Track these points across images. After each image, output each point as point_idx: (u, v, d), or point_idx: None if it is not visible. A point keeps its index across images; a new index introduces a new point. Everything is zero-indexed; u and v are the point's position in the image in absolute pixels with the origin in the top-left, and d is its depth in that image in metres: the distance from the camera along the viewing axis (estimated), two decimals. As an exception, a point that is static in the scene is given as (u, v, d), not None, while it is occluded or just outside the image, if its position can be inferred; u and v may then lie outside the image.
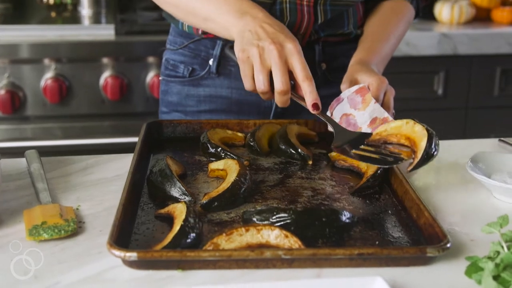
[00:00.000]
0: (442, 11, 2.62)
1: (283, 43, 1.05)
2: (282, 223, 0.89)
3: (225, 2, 1.15)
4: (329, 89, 1.40)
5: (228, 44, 1.33)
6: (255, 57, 1.05)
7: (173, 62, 1.48)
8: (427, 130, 0.99)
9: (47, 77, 2.18)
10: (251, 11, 1.11)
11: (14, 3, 2.53)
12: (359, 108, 1.16)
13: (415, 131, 1.00)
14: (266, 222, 0.90)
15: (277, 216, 0.90)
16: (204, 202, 0.98)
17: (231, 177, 1.01)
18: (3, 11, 2.46)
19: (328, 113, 1.23)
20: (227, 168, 1.06)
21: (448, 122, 2.32)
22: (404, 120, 1.03)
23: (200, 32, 1.39)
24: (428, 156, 0.98)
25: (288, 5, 1.32)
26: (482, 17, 2.69)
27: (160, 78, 1.54)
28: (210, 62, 1.42)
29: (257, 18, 1.09)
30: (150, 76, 2.19)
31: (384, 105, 1.18)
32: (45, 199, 1.02)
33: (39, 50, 2.18)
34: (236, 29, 1.11)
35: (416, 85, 1.38)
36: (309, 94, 1.05)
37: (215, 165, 1.10)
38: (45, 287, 0.80)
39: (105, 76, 2.22)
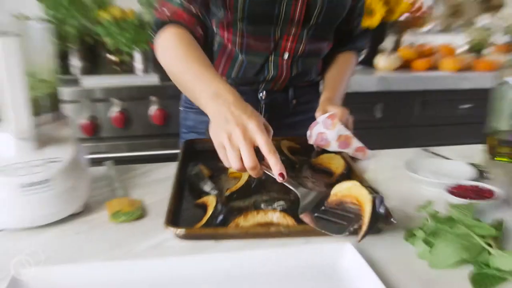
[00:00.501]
0: (380, 61, 2.63)
1: (246, 125, 0.87)
2: (281, 207, 0.90)
3: (201, 81, 0.99)
4: (297, 117, 1.46)
5: None
6: (225, 141, 0.88)
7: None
8: (371, 193, 0.80)
9: (114, 110, 2.19)
10: (224, 94, 0.94)
11: (90, 62, 2.53)
12: (330, 128, 1.18)
13: (362, 194, 0.82)
14: (270, 207, 0.90)
15: (277, 203, 0.91)
16: (227, 194, 0.98)
17: (245, 177, 1.02)
18: (85, 67, 2.46)
19: (308, 132, 1.24)
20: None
21: (385, 137, 2.32)
22: (351, 182, 0.86)
23: None
24: (376, 218, 0.78)
25: (272, 63, 1.33)
26: (406, 65, 2.71)
27: (180, 108, 1.53)
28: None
29: (227, 101, 0.92)
30: (184, 109, 2.21)
31: (347, 127, 1.19)
32: (120, 193, 1.02)
33: (108, 92, 2.19)
34: (210, 110, 0.95)
35: (362, 112, 1.39)
36: (274, 166, 0.87)
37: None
38: (123, 252, 0.81)
39: (153, 109, 2.23)
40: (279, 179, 0.87)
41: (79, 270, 0.73)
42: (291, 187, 0.90)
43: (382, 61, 2.63)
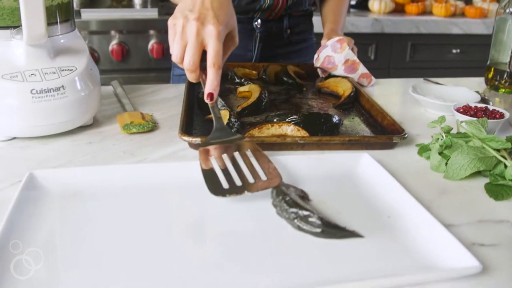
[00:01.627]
0: (373, 4, 2.57)
1: (205, 23, 0.73)
2: (294, 122, 0.86)
3: None
4: (291, 47, 1.41)
5: None
6: (178, 27, 0.74)
7: None
8: None
9: (113, 43, 2.11)
10: None
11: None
12: (338, 51, 1.13)
13: None
14: (283, 121, 0.86)
15: (291, 117, 0.87)
16: (239, 110, 0.94)
17: (256, 94, 0.98)
18: (84, 1, 2.36)
19: (316, 55, 1.19)
20: (251, 90, 1.03)
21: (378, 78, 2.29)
22: None
23: None
24: None
25: None
26: (398, 9, 2.65)
27: None
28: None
29: None
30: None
31: None
32: (130, 108, 0.98)
33: (108, 25, 2.11)
34: None
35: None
36: (209, 82, 0.73)
37: (242, 88, 1.07)
38: (138, 160, 0.77)
39: (152, 43, 2.15)
40: (206, 99, 0.75)
41: (95, 172, 0.69)
42: (212, 113, 0.76)
43: (376, 4, 2.57)
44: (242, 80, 1.14)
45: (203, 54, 0.75)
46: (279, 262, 0.52)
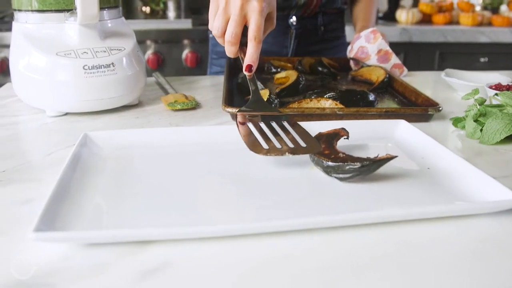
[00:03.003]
0: (401, 15, 2.59)
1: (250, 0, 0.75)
2: (332, 98, 0.88)
3: None
4: (324, 44, 1.44)
5: None
6: (221, 1, 0.76)
7: None
8: None
9: (149, 53, 2.17)
10: None
11: (125, 10, 2.52)
12: (371, 42, 1.16)
13: None
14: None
15: (329, 94, 0.89)
16: (278, 91, 0.97)
17: (293, 77, 1.01)
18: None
19: (349, 47, 1.22)
20: (289, 75, 1.05)
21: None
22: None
23: None
24: None
25: None
26: (426, 19, 2.67)
27: (210, 35, 1.50)
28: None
29: None
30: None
31: None
32: (172, 92, 1.01)
33: (143, 34, 2.17)
34: None
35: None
36: (248, 54, 0.75)
37: (279, 75, 1.09)
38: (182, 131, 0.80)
39: (186, 52, 2.20)
40: (244, 71, 0.76)
41: (144, 133, 0.72)
42: (250, 83, 0.78)
43: (403, 15, 2.60)
44: (279, 70, 1.17)
45: (244, 29, 0.77)
46: (314, 202, 0.54)
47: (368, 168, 0.58)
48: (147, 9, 2.63)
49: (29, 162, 0.67)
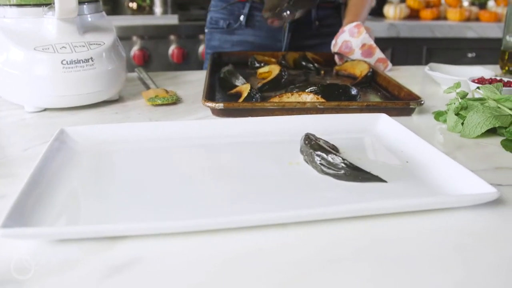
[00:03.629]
0: (389, 10, 2.60)
1: None
2: (313, 92, 0.88)
3: None
4: (319, 39, 1.43)
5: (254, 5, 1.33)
6: None
7: (215, 18, 1.44)
8: None
9: (135, 49, 2.16)
10: None
11: (112, 6, 2.51)
12: (355, 36, 1.16)
13: None
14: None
15: (310, 88, 0.89)
16: (260, 85, 0.96)
17: (275, 72, 1.00)
18: (106, 10, 2.43)
19: (333, 41, 1.22)
20: (271, 70, 1.05)
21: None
22: None
23: None
24: None
25: None
26: (413, 15, 2.67)
27: (206, 30, 1.50)
28: (241, 18, 1.38)
29: None
30: (202, 47, 2.17)
31: None
32: (154, 87, 1.01)
33: (129, 30, 2.16)
34: None
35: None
36: None
37: (262, 69, 1.09)
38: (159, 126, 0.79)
39: (172, 48, 2.19)
40: None
41: (119, 128, 0.71)
42: None
43: (391, 11, 2.60)
44: (262, 65, 1.16)
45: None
46: (293, 196, 0.54)
47: (355, 175, 0.57)
48: (133, 5, 2.61)
49: (5, 157, 0.66)
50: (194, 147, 0.68)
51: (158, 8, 2.42)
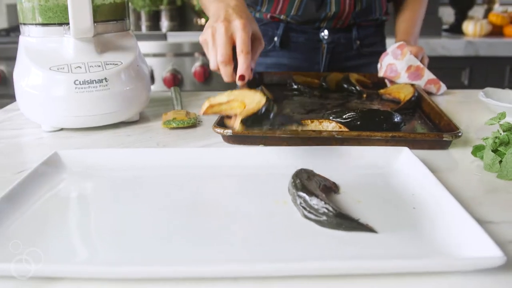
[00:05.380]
0: (468, 27, 2.43)
1: (231, 20, 0.80)
2: (351, 119, 0.80)
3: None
4: (361, 60, 1.34)
5: (289, 25, 1.26)
6: (209, 37, 0.82)
7: None
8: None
9: (197, 65, 2.16)
10: (228, 0, 0.87)
11: (179, 22, 2.55)
12: (399, 58, 1.07)
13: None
14: (339, 119, 0.81)
15: (348, 114, 0.81)
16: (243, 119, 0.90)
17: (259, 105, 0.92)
18: (173, 25, 2.49)
19: (378, 65, 1.14)
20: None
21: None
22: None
23: (268, 17, 1.28)
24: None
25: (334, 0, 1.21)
26: (496, 32, 2.48)
27: None
28: (275, 39, 1.29)
29: (228, 4, 0.85)
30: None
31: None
32: (177, 107, 0.98)
33: (192, 47, 2.16)
34: (210, 11, 0.89)
35: (448, 77, 1.25)
36: (240, 66, 0.79)
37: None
38: (166, 151, 0.76)
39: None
40: (238, 82, 0.80)
41: (111, 153, 0.69)
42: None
43: (470, 27, 2.43)
44: (299, 87, 1.10)
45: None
46: (277, 243, 0.47)
47: (338, 222, 0.50)
48: (201, 21, 2.63)
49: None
50: (178, 176, 0.63)
51: (224, 25, 2.42)
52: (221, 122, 0.79)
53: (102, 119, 0.85)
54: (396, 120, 0.81)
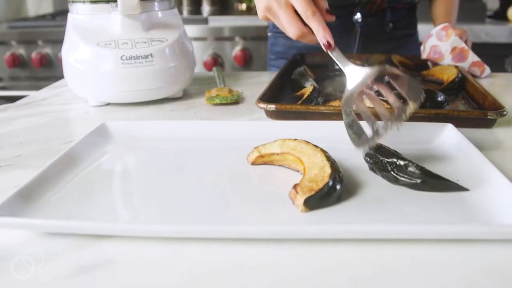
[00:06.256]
0: (514, 13, 2.37)
1: None
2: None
3: None
4: (394, 42, 1.32)
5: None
6: (272, 14, 0.76)
7: None
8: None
9: (237, 49, 2.17)
10: None
11: (220, 7, 2.57)
12: (444, 40, 1.06)
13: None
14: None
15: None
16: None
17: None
18: (214, 10, 2.51)
19: (422, 47, 1.13)
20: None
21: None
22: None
23: None
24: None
25: None
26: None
27: (268, 34, 1.43)
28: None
29: None
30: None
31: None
32: (220, 85, 0.99)
33: (233, 31, 2.18)
34: None
35: (492, 64, 1.22)
36: (316, 33, 0.71)
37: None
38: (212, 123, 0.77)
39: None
40: (326, 50, 0.71)
41: (157, 125, 0.71)
42: (336, 61, 0.71)
43: (517, 13, 2.37)
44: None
45: None
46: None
47: (431, 183, 0.52)
48: (242, 6, 2.64)
49: (46, 149, 0.68)
50: (219, 148, 0.65)
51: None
52: (267, 98, 0.80)
53: (147, 94, 0.87)
54: (439, 99, 0.81)
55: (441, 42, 1.06)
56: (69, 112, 0.87)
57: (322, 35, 0.70)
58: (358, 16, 1.24)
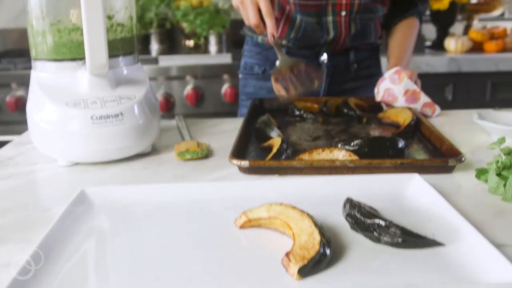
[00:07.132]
0: (450, 43, 2.51)
1: None
2: (358, 146, 0.84)
3: None
4: (358, 82, 1.40)
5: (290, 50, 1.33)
6: (244, 6, 1.04)
7: (250, 64, 1.42)
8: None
9: (188, 88, 2.19)
10: None
11: (169, 45, 2.59)
12: (397, 83, 1.12)
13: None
14: (347, 147, 0.85)
15: (356, 141, 0.85)
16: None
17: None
18: (163, 48, 2.53)
19: (376, 89, 1.19)
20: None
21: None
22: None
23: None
24: None
25: (331, 24, 1.27)
26: (477, 48, 2.57)
27: (240, 76, 1.49)
28: (277, 63, 1.33)
29: None
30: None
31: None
32: (188, 138, 1.01)
33: (183, 70, 2.20)
34: None
35: (432, 94, 1.29)
36: (268, 28, 1.03)
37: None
38: (199, 186, 0.79)
39: (225, 87, 2.21)
40: (270, 40, 1.06)
41: (139, 190, 0.71)
42: (276, 50, 1.10)
43: (452, 44, 2.51)
44: (302, 113, 1.14)
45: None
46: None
47: (411, 241, 0.56)
48: (190, 43, 2.67)
49: (25, 219, 0.67)
50: (194, 212, 0.67)
51: (213, 47, 2.46)
52: (239, 155, 0.83)
53: (118, 152, 0.88)
54: (400, 146, 0.86)
55: (394, 85, 1.12)
56: (39, 173, 0.86)
57: (271, 29, 1.03)
58: (324, 56, 1.31)
